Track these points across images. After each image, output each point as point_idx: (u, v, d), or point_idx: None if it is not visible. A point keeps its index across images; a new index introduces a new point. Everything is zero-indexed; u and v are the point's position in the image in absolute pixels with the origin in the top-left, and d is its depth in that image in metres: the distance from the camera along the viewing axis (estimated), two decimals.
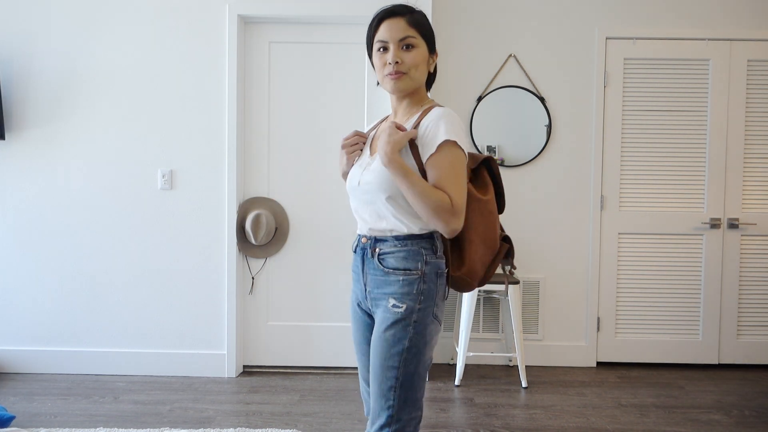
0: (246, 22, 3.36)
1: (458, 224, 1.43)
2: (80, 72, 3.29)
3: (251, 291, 3.43)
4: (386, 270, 1.49)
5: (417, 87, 1.54)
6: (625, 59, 3.51)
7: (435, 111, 1.49)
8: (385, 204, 1.48)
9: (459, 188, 1.43)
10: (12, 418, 2.50)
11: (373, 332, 1.51)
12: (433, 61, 1.56)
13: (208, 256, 3.33)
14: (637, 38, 3.50)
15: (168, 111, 3.30)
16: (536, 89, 3.53)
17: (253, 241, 3.32)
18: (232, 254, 3.32)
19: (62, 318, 3.35)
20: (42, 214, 3.32)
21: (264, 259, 3.43)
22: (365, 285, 1.55)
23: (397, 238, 1.49)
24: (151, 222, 3.32)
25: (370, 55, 1.59)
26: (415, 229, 1.48)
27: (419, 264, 1.47)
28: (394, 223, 1.49)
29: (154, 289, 3.34)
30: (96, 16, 3.28)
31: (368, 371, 1.57)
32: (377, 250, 1.51)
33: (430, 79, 1.60)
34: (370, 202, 1.51)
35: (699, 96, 3.52)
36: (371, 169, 1.51)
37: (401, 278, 1.47)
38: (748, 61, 3.50)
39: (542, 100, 3.52)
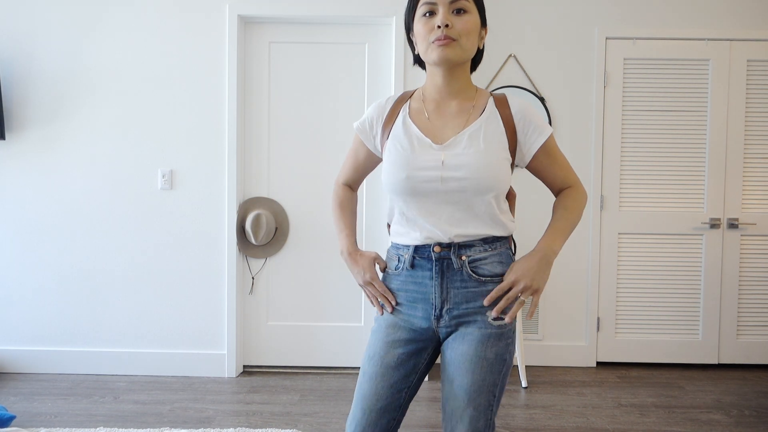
0: (246, 22, 3.36)
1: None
2: (80, 72, 3.29)
3: (251, 291, 3.44)
4: (482, 279, 1.32)
5: (465, 61, 1.34)
6: (625, 59, 3.51)
7: (518, 100, 1.38)
8: (489, 204, 1.31)
9: (573, 170, 1.45)
10: (12, 417, 2.51)
11: (462, 352, 1.30)
12: (483, 36, 1.37)
13: (208, 256, 3.33)
14: (637, 38, 3.50)
15: (168, 111, 3.30)
16: (536, 89, 3.53)
17: (253, 241, 3.33)
18: (232, 254, 3.32)
19: (62, 318, 3.35)
20: (42, 214, 3.33)
21: (264, 259, 3.43)
22: (443, 303, 1.33)
23: (485, 241, 1.33)
24: (151, 222, 3.32)
25: (409, 29, 1.38)
26: (511, 229, 1.38)
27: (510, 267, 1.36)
28: (489, 226, 1.33)
29: (154, 289, 3.34)
30: (96, 17, 3.28)
31: (380, 399, 1.34)
32: (464, 258, 1.31)
33: (476, 59, 1.40)
34: (459, 201, 1.30)
35: (699, 96, 3.52)
36: (461, 155, 1.29)
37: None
38: (748, 61, 3.50)
39: (542, 100, 3.52)
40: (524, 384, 3.20)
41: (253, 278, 3.44)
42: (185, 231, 3.33)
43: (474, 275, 1.31)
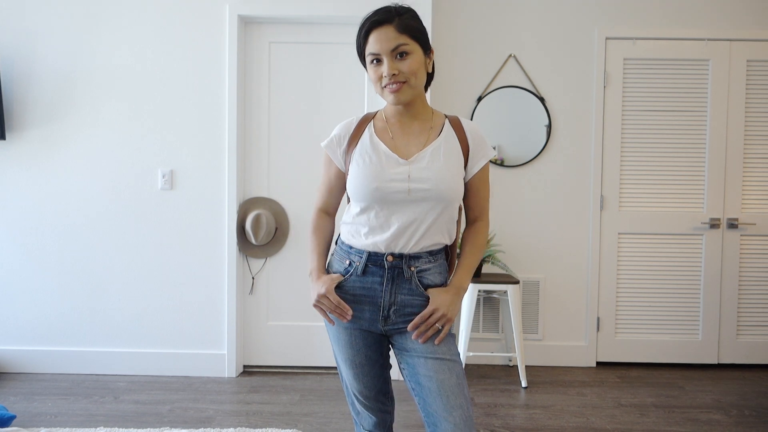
0: (246, 22, 3.36)
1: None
2: (81, 72, 3.29)
3: (251, 291, 3.44)
4: (425, 289, 1.47)
5: (419, 93, 1.48)
6: (625, 59, 3.51)
7: (470, 122, 1.55)
8: (447, 212, 1.46)
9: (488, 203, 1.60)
10: (13, 417, 2.51)
11: (422, 359, 1.43)
12: (430, 60, 1.49)
13: (208, 256, 3.33)
14: (637, 38, 3.50)
15: (168, 111, 3.31)
16: (536, 89, 3.53)
17: (253, 241, 3.33)
18: (232, 254, 3.32)
19: (62, 318, 3.35)
20: (42, 213, 3.32)
21: (264, 259, 3.43)
22: (390, 305, 1.47)
23: (430, 253, 1.47)
24: (151, 222, 3.32)
25: (363, 64, 1.51)
26: (453, 238, 1.54)
27: (448, 275, 1.55)
28: (442, 234, 1.47)
29: (154, 289, 3.34)
30: (97, 17, 3.28)
31: (371, 388, 1.58)
32: (413, 268, 1.45)
33: (429, 78, 1.53)
34: (422, 210, 1.44)
35: (699, 96, 3.52)
36: (425, 169, 1.43)
37: None
38: (748, 61, 3.50)
39: (542, 100, 3.52)
40: (524, 384, 3.20)
41: (253, 278, 3.44)
42: (185, 231, 3.33)
43: (420, 285, 1.47)
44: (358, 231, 1.48)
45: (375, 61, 1.43)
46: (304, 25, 3.37)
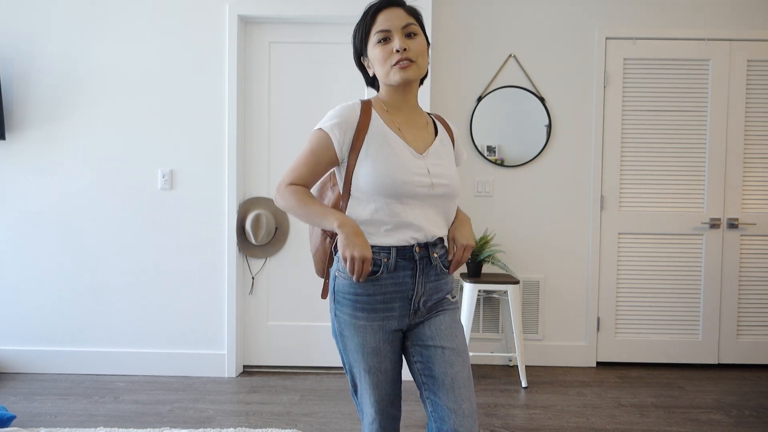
0: (246, 22, 3.36)
1: None
2: (81, 72, 3.29)
3: (251, 291, 3.44)
4: (445, 269, 1.52)
5: (420, 77, 1.48)
6: (625, 59, 3.51)
7: (450, 122, 1.62)
8: (454, 207, 1.53)
9: None
10: (12, 417, 2.51)
11: (441, 320, 1.46)
12: (428, 54, 1.51)
13: (208, 256, 3.33)
14: (637, 38, 3.50)
15: (168, 111, 3.31)
16: (536, 89, 3.53)
17: (253, 241, 3.33)
18: (232, 254, 3.32)
19: (62, 318, 3.35)
20: (42, 213, 3.33)
21: (264, 259, 3.43)
22: (421, 296, 1.46)
23: (440, 239, 1.51)
24: (151, 222, 3.32)
25: (360, 54, 1.50)
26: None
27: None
28: (448, 226, 1.54)
29: (154, 289, 3.34)
30: (96, 17, 3.28)
31: (391, 393, 1.51)
32: (435, 254, 1.47)
33: (423, 76, 1.53)
34: (441, 205, 1.47)
35: (699, 96, 3.52)
36: (439, 165, 1.45)
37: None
38: (748, 61, 3.50)
39: (542, 100, 3.52)
40: (524, 384, 3.20)
41: (253, 278, 3.44)
42: (185, 231, 3.33)
43: (443, 267, 1.50)
44: (378, 229, 1.41)
45: (383, 40, 1.43)
46: (304, 25, 3.37)
